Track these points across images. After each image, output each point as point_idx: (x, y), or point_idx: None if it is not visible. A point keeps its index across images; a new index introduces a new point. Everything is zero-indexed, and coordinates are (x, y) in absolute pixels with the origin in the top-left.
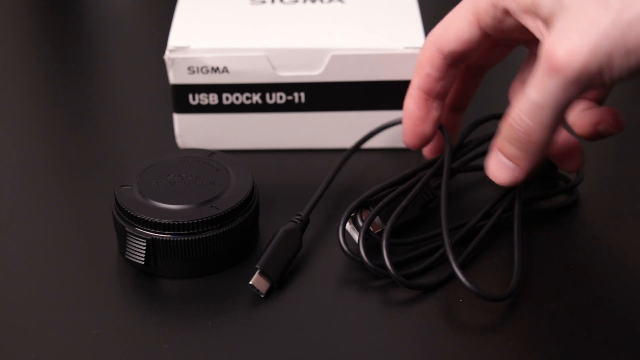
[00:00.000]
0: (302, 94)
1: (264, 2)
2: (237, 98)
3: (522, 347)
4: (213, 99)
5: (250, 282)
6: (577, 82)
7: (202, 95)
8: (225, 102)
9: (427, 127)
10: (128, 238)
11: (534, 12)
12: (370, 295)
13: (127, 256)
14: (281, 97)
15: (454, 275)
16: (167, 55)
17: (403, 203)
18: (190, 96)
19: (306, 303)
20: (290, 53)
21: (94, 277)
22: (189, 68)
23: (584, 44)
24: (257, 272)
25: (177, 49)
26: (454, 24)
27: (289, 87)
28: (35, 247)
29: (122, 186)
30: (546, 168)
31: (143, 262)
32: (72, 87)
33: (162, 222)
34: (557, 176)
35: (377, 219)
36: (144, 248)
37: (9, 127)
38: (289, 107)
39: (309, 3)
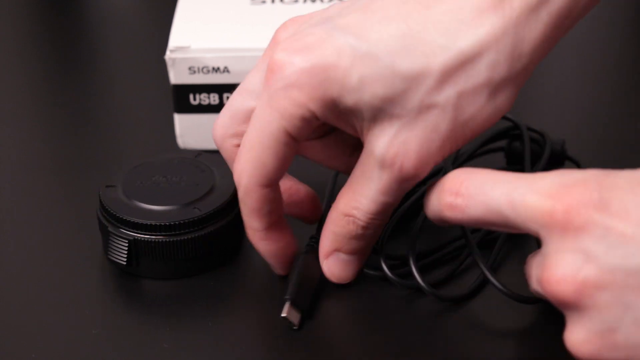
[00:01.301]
0: None
1: (264, 2)
2: None
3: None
4: (214, 98)
5: (285, 315)
6: (423, 177)
7: (203, 95)
8: (226, 101)
9: (293, 247)
10: (110, 238)
11: (349, 119)
12: (367, 295)
13: (109, 256)
14: None
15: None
16: (168, 55)
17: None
18: (191, 96)
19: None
20: None
21: (95, 277)
22: (189, 68)
23: (432, 151)
24: (288, 304)
25: (178, 49)
26: (268, 153)
27: None
28: (36, 247)
29: (107, 186)
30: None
31: (125, 262)
32: (72, 87)
33: (143, 223)
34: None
35: None
36: (126, 248)
37: (9, 127)
38: None
39: (309, 3)
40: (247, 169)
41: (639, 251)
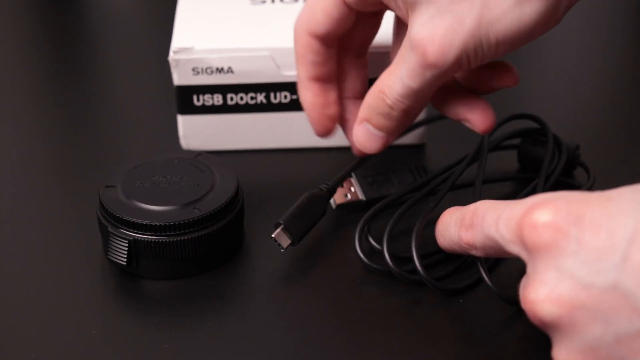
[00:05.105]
0: None
1: (264, 2)
2: (241, 98)
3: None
4: (217, 99)
5: (272, 236)
6: (450, 71)
7: (207, 96)
8: (229, 102)
9: (332, 110)
10: (110, 238)
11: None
12: (372, 294)
13: (109, 256)
14: (285, 97)
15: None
16: (172, 56)
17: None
18: (195, 97)
19: (306, 303)
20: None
21: (95, 277)
22: (193, 69)
23: (454, 43)
24: (280, 227)
25: (181, 50)
26: (318, 6)
27: (293, 87)
28: (36, 247)
29: (107, 186)
30: (560, 174)
31: (125, 263)
32: (72, 87)
33: (143, 223)
34: (569, 182)
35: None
36: (126, 248)
37: (9, 127)
38: (293, 106)
39: None
40: (302, 14)
41: (614, 265)
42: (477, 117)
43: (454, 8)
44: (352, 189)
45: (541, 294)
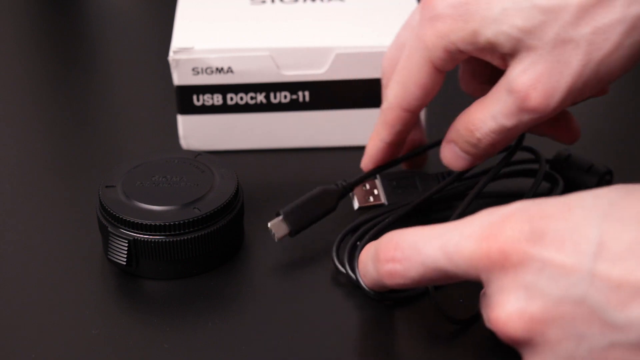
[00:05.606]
0: (307, 93)
1: (264, 2)
2: (241, 98)
3: None
4: (217, 99)
5: (269, 225)
6: (551, 114)
7: (207, 96)
8: (229, 102)
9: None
10: (110, 238)
11: (491, 51)
12: (367, 300)
13: (109, 256)
14: (285, 97)
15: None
16: (172, 56)
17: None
18: (195, 97)
19: (306, 303)
20: (295, 52)
21: (95, 277)
22: (193, 69)
23: (559, 87)
24: (280, 217)
25: (181, 50)
26: (412, 80)
27: (293, 86)
28: (36, 247)
29: (107, 186)
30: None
31: (125, 263)
32: (72, 87)
33: (143, 223)
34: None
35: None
36: (126, 248)
37: (9, 127)
38: (293, 106)
39: (309, 2)
40: (394, 89)
41: (582, 280)
42: (562, 131)
43: (557, 52)
44: (376, 191)
45: (511, 313)
